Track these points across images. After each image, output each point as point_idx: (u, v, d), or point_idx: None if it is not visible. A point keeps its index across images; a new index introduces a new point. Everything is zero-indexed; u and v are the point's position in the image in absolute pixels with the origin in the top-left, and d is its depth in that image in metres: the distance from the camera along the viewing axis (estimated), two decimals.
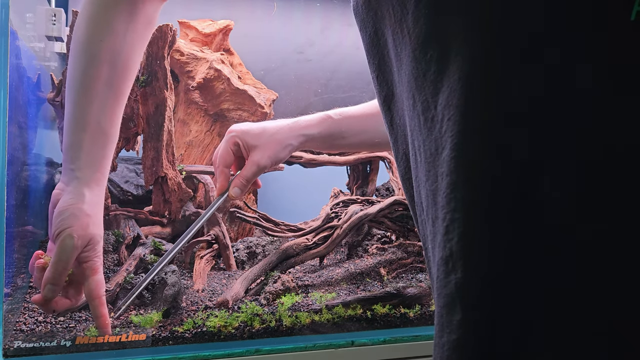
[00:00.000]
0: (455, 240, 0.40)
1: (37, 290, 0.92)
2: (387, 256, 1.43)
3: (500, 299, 0.38)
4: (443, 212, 0.41)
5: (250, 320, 1.04)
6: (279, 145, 0.92)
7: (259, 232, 1.54)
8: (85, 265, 0.81)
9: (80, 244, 0.78)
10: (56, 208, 0.79)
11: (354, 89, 1.88)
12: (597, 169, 0.36)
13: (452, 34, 0.40)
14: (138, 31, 0.81)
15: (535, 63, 0.37)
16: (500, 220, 0.38)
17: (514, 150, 0.38)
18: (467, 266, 0.39)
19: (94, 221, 0.81)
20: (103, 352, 0.95)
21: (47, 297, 0.78)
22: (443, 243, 0.41)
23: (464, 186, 0.39)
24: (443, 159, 0.41)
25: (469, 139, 0.39)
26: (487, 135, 0.39)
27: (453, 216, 0.40)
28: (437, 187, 0.42)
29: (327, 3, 1.81)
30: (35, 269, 0.80)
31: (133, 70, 0.84)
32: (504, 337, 0.38)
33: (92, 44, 0.78)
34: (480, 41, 0.39)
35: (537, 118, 0.37)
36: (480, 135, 0.39)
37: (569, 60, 0.36)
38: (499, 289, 0.38)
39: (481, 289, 0.39)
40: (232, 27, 1.45)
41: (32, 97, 1.21)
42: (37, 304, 0.80)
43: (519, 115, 0.38)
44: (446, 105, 0.40)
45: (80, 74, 0.78)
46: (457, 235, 0.39)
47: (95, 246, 0.81)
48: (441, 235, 0.41)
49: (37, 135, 1.26)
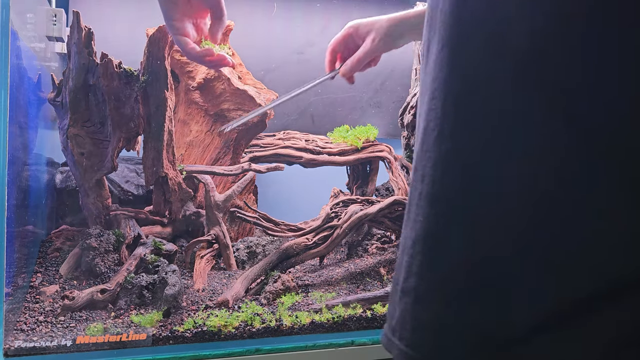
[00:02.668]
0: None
1: (37, 290, 0.92)
2: (387, 256, 1.43)
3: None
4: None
5: (251, 320, 1.04)
6: (392, 24, 0.93)
7: (259, 232, 1.54)
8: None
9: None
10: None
11: (354, 89, 1.88)
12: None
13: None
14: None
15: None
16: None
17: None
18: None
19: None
20: (103, 351, 0.95)
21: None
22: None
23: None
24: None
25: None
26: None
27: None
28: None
29: (327, 3, 1.81)
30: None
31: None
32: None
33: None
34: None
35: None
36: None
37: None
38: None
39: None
40: (232, 27, 1.46)
41: (33, 97, 1.21)
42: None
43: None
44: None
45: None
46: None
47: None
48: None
49: (38, 135, 1.26)
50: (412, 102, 1.68)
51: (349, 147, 1.60)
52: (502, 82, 0.41)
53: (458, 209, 0.44)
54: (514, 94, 0.40)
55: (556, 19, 0.38)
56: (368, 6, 1.84)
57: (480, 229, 0.42)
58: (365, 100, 1.91)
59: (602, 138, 0.37)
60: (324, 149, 1.58)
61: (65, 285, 1.13)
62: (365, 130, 1.63)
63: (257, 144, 1.56)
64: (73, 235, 1.29)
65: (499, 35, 0.41)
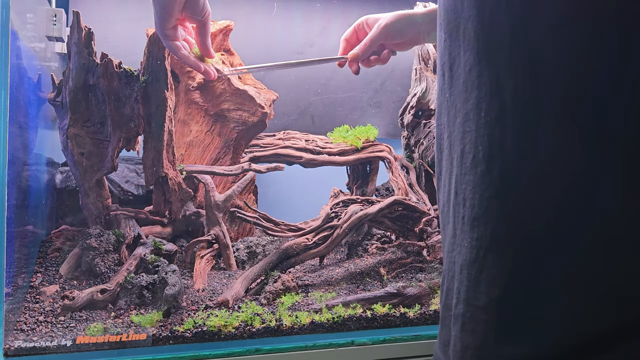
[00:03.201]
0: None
1: (37, 290, 0.92)
2: (387, 256, 1.43)
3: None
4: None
5: (251, 320, 1.04)
6: (399, 16, 0.98)
7: (259, 232, 1.54)
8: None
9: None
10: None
11: (354, 89, 1.88)
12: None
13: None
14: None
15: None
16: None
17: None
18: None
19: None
20: (103, 351, 0.95)
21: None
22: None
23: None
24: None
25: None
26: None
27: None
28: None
29: (327, 3, 1.81)
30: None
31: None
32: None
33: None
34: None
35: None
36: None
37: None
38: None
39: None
40: (232, 27, 1.45)
41: (33, 97, 1.21)
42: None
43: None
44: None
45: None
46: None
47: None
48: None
49: (38, 135, 1.26)
50: (412, 102, 1.68)
51: (349, 147, 1.60)
52: (541, 106, 0.41)
53: (497, 235, 0.44)
54: (555, 121, 0.41)
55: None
56: (368, 6, 1.83)
57: (520, 253, 0.43)
58: (365, 100, 1.91)
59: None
60: (324, 149, 1.58)
61: (65, 285, 1.13)
62: (365, 130, 1.63)
63: (257, 144, 1.56)
64: (73, 235, 1.29)
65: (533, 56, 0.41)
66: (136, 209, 1.33)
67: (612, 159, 0.38)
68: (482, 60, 0.44)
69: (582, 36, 0.39)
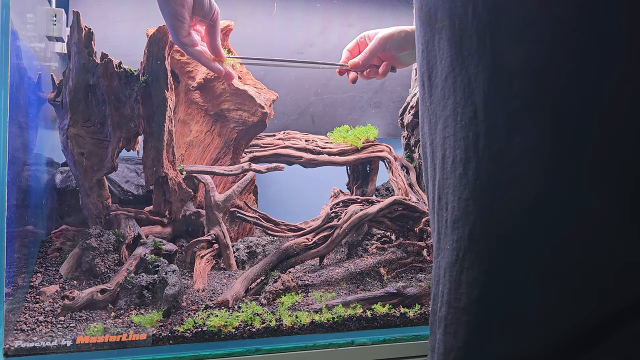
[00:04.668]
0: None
1: (37, 290, 0.92)
2: (387, 256, 1.43)
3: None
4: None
5: (251, 320, 1.04)
6: (397, 30, 1.04)
7: (259, 232, 1.54)
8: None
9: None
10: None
11: (354, 89, 1.88)
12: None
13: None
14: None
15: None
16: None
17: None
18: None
19: None
20: (103, 351, 0.95)
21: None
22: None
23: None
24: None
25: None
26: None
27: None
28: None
29: (327, 3, 1.81)
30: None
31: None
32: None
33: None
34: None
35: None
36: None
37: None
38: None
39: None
40: (232, 27, 1.45)
41: (33, 97, 1.21)
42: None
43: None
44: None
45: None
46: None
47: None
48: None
49: (38, 135, 1.26)
50: (412, 102, 1.68)
51: (349, 147, 1.60)
52: (518, 112, 0.42)
53: (474, 235, 0.45)
54: (522, 123, 0.42)
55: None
56: (368, 6, 1.83)
57: (496, 252, 0.43)
58: (365, 100, 1.91)
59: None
60: (324, 149, 1.58)
61: (65, 285, 1.13)
62: (365, 130, 1.63)
63: (257, 144, 1.56)
64: (73, 235, 1.29)
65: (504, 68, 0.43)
66: (136, 209, 1.33)
67: (581, 158, 0.39)
68: (456, 67, 0.47)
69: (542, 39, 0.40)
